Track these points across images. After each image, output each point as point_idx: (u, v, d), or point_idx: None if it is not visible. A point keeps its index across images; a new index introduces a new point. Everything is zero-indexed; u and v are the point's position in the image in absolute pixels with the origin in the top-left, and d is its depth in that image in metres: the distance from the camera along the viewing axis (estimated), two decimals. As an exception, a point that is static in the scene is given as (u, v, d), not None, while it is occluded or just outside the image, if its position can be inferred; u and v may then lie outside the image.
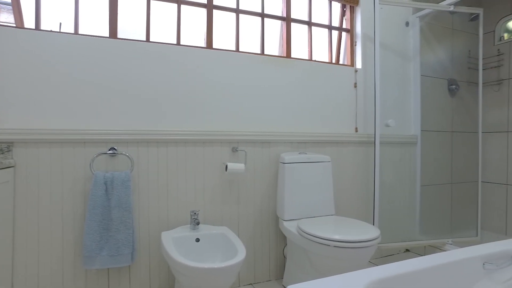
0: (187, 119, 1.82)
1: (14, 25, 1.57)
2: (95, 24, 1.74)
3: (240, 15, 2.05)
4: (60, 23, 1.68)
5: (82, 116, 1.61)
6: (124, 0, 1.78)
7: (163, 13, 1.88)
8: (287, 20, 2.16)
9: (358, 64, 2.33)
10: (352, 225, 1.67)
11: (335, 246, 1.45)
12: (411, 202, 2.41)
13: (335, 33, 2.38)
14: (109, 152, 1.62)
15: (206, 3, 1.93)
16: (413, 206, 2.41)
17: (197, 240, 1.62)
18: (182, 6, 1.89)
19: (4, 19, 1.66)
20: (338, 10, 2.39)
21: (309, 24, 2.25)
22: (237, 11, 2.03)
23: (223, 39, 2.02)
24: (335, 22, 2.39)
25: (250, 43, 2.10)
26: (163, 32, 1.87)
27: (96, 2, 1.75)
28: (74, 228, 1.59)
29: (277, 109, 2.04)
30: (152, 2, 1.84)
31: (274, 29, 2.20)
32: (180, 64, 1.80)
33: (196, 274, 1.24)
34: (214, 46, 1.95)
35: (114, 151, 1.63)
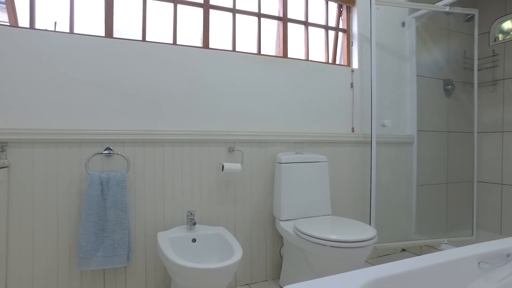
0: (184, 119, 1.81)
1: (8, 23, 1.56)
2: (90, 23, 1.73)
3: (237, 15, 2.04)
4: (55, 22, 1.67)
5: (77, 116, 1.60)
6: (120, -1, 1.77)
7: (160, 13, 1.88)
8: (284, 20, 2.16)
9: (355, 64, 2.33)
10: (349, 225, 1.68)
11: (331, 246, 1.45)
12: (407, 202, 2.42)
13: (331, 33, 2.38)
14: (105, 152, 1.61)
15: (202, 2, 1.93)
16: (409, 206, 2.42)
17: (194, 241, 1.61)
18: (179, 6, 1.89)
19: (-2, 17, 1.64)
20: (334, 10, 2.39)
21: (306, 24, 2.26)
22: (234, 11, 2.02)
23: (220, 39, 2.02)
24: (332, 22, 2.39)
25: (246, 43, 2.10)
26: (159, 32, 1.86)
27: (91, 1, 1.73)
28: (70, 228, 1.57)
29: (273, 109, 2.04)
30: (148, 2, 1.83)
31: (270, 29, 2.20)
32: (177, 64, 1.79)
33: (193, 274, 1.24)
34: (210, 46, 1.94)
35: (110, 151, 1.62)
